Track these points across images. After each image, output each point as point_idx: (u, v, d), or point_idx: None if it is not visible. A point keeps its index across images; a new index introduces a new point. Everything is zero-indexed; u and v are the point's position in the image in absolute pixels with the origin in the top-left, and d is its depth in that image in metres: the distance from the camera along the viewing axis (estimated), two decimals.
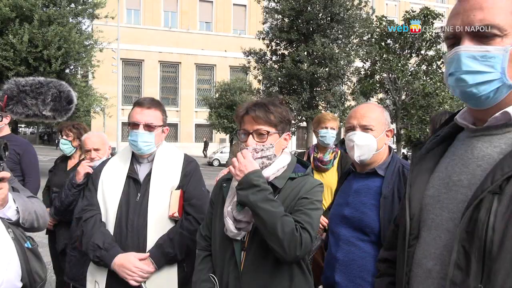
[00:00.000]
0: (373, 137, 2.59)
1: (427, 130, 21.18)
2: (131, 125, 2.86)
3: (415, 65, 22.51)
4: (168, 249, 2.71)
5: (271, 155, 2.20)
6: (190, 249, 2.75)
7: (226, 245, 2.21)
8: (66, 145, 4.50)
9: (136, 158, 2.95)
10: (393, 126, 21.14)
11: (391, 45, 22.62)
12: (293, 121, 27.29)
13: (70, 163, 4.54)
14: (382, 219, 2.44)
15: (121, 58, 39.50)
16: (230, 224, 2.14)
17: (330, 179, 4.36)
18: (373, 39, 22.87)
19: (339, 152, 4.53)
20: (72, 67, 22.52)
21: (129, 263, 2.64)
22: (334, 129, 4.43)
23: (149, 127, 2.83)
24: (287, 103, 25.49)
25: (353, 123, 2.64)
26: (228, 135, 37.87)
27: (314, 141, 4.65)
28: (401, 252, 1.52)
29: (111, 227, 2.78)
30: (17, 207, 2.25)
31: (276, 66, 26.78)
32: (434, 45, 22.37)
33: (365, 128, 2.60)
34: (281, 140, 2.28)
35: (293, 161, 2.34)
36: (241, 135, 2.27)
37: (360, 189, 2.62)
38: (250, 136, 2.20)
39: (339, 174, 4.37)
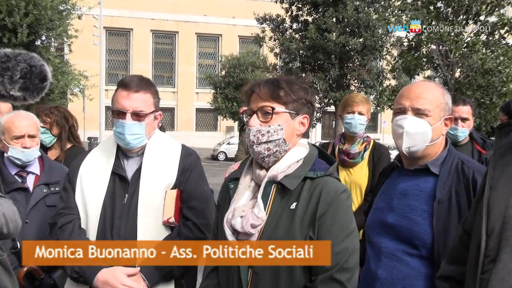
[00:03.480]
0: (428, 124, 2.53)
1: (488, 116, 20.95)
2: (116, 113, 2.83)
3: (472, 35, 22.22)
4: None
5: (279, 139, 2.18)
6: None
7: None
8: (44, 134, 4.53)
9: (122, 150, 2.95)
10: None
11: (442, 10, 22.33)
12: (317, 105, 27.32)
13: (51, 155, 4.52)
14: (435, 229, 2.41)
15: (104, 27, 39.60)
16: (228, 235, 2.15)
17: (358, 176, 4.35)
18: (420, 2, 22.60)
19: (371, 142, 4.50)
20: (43, 38, 22.59)
21: (115, 279, 2.63)
22: (363, 114, 4.38)
23: (138, 116, 2.81)
24: (312, 83, 25.46)
25: (404, 104, 2.58)
26: (236, 122, 37.88)
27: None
28: (472, 277, 1.38)
29: (92, 235, 2.78)
30: None
31: (297, 36, 26.68)
32: (497, 9, 22.06)
33: (418, 113, 2.54)
34: (294, 123, 2.24)
35: (311, 155, 2.29)
36: (246, 118, 2.28)
37: (408, 190, 2.58)
38: (254, 115, 2.21)
39: (370, 170, 4.36)
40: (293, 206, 2.14)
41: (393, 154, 3.32)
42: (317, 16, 26.00)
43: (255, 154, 2.22)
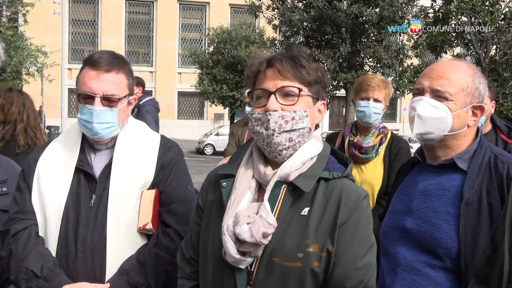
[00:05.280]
0: (447, 109, 2.54)
1: None
2: (82, 97, 2.82)
3: (510, 4, 22.23)
4: (138, 278, 2.73)
5: (305, 128, 2.17)
6: (170, 277, 2.75)
7: (224, 275, 2.18)
8: None
9: (89, 143, 2.95)
10: None
11: None
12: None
13: None
14: (462, 236, 2.42)
15: None
16: (229, 246, 2.09)
17: (371, 174, 4.34)
18: None
19: (388, 134, 4.49)
20: None
21: None
22: (379, 101, 4.36)
23: (109, 101, 2.81)
24: (318, 62, 25.44)
25: (424, 84, 2.61)
26: (227, 108, 37.89)
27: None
28: None
29: (52, 245, 2.78)
30: None
31: (300, 4, 26.63)
32: None
33: (437, 95, 2.56)
34: (314, 110, 2.24)
35: (325, 151, 2.28)
36: (254, 99, 2.22)
37: (430, 190, 2.60)
38: (272, 97, 2.14)
39: (386, 168, 4.35)
40: (304, 211, 2.12)
41: (415, 147, 3.32)
42: None
43: (272, 146, 2.15)
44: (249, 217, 2.09)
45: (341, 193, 2.13)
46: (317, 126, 2.32)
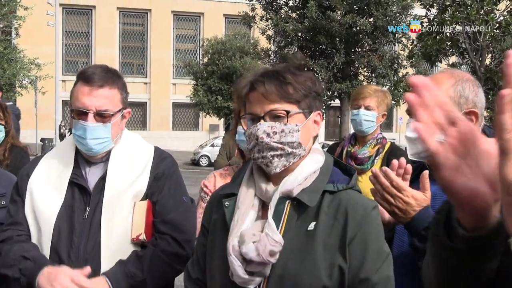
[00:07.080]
0: None
1: None
2: (76, 113, 2.83)
3: (505, 13, 22.31)
4: (134, 270, 2.73)
5: (295, 142, 2.14)
6: (167, 278, 2.80)
7: None
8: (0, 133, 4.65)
9: (83, 155, 2.96)
10: None
11: None
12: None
13: None
14: None
15: (60, 4, 39.44)
16: (237, 266, 2.06)
17: (367, 185, 4.24)
18: None
19: (387, 145, 4.48)
20: None
21: (64, 274, 2.58)
22: (371, 109, 4.36)
23: (102, 117, 2.82)
24: (312, 71, 25.42)
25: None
26: (222, 119, 37.88)
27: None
28: None
29: (45, 255, 2.77)
30: None
31: (294, 15, 26.66)
32: None
33: None
34: (308, 123, 2.22)
35: (328, 163, 2.27)
36: (247, 123, 2.21)
37: (437, 194, 2.60)
38: (261, 121, 2.13)
39: None
40: (311, 226, 2.09)
41: None
42: None
43: (264, 151, 2.13)
44: (254, 236, 2.07)
45: (348, 207, 2.10)
46: (314, 138, 2.30)
